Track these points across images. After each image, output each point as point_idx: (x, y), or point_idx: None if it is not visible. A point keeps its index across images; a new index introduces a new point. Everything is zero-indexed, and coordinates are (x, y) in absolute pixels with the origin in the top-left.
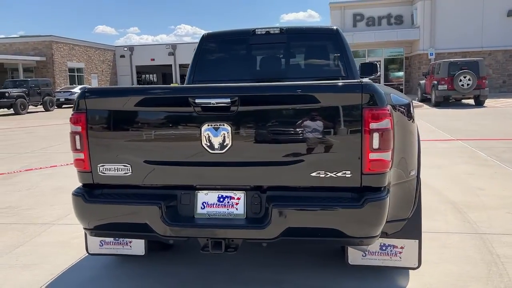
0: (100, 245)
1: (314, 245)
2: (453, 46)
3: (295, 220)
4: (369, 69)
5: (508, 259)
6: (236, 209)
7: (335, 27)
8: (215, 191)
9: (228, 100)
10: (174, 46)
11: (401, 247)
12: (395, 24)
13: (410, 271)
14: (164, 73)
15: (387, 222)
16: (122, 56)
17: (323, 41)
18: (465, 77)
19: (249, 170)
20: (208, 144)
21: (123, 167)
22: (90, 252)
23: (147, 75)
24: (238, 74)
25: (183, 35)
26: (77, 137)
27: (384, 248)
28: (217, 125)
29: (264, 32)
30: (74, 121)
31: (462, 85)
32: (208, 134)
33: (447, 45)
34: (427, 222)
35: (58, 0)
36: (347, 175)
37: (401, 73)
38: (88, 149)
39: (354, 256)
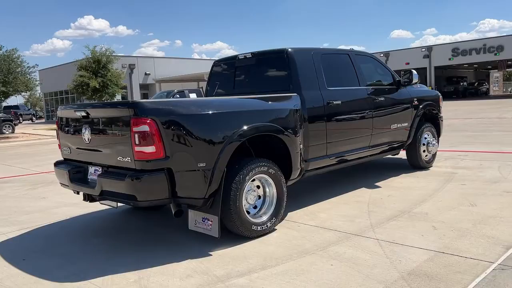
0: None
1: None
2: None
3: (104, 185)
4: (408, 77)
5: (329, 254)
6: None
7: (288, 49)
8: (95, 166)
9: (84, 113)
10: (429, 48)
11: (211, 221)
12: None
13: (239, 242)
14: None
15: (184, 197)
16: None
17: (276, 61)
18: None
19: (97, 153)
20: (84, 137)
21: (67, 149)
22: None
23: None
24: (227, 89)
25: (486, 31)
26: (55, 132)
27: (204, 220)
28: (85, 126)
29: (242, 57)
30: (55, 123)
31: None
32: (83, 131)
33: None
34: (344, 222)
35: (360, 11)
36: (129, 160)
37: None
38: (59, 138)
39: (191, 223)
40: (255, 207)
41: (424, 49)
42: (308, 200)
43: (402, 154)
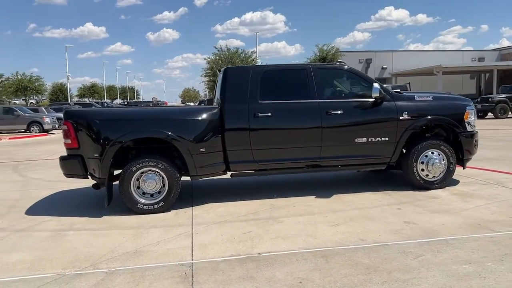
0: None
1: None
2: None
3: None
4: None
5: (140, 231)
6: None
7: (225, 68)
8: None
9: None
10: None
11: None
12: None
13: (130, 214)
14: None
15: (92, 176)
16: None
17: (221, 78)
18: None
19: None
20: None
21: None
22: None
23: None
24: (215, 96)
25: None
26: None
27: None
28: None
29: (220, 72)
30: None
31: None
32: None
33: None
34: (214, 216)
35: None
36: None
37: None
38: None
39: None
40: (159, 192)
41: None
42: (248, 197)
43: None
